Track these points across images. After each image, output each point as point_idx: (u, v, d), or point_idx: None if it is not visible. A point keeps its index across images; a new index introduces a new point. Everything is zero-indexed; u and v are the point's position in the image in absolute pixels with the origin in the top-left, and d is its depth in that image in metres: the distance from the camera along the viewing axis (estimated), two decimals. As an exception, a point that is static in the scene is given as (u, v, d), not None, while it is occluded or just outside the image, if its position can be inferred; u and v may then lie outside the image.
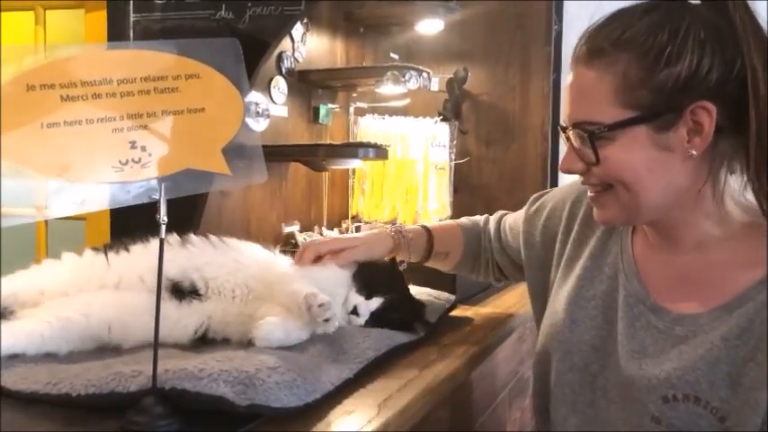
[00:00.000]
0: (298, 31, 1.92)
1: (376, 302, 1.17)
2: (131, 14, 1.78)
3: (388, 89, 2.01)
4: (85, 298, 1.06)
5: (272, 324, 1.01)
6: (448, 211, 2.17)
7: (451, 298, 1.41)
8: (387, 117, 2.15)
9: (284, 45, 1.87)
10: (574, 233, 1.15)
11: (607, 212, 1.01)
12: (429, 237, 1.37)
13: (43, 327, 0.98)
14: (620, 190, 0.96)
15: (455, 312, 1.42)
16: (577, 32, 0.98)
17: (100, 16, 1.95)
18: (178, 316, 1.07)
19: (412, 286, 1.31)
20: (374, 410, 0.90)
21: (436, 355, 1.15)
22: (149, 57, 0.82)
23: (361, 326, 1.15)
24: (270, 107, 1.77)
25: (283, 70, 1.87)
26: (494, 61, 2.40)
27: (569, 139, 0.98)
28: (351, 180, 2.20)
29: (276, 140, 1.85)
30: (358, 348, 1.05)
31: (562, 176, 2.30)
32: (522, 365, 1.71)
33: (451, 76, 2.37)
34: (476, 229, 1.40)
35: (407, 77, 1.97)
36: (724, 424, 0.89)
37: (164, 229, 0.81)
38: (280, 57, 1.86)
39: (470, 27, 2.36)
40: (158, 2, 1.76)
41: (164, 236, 0.82)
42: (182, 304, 1.08)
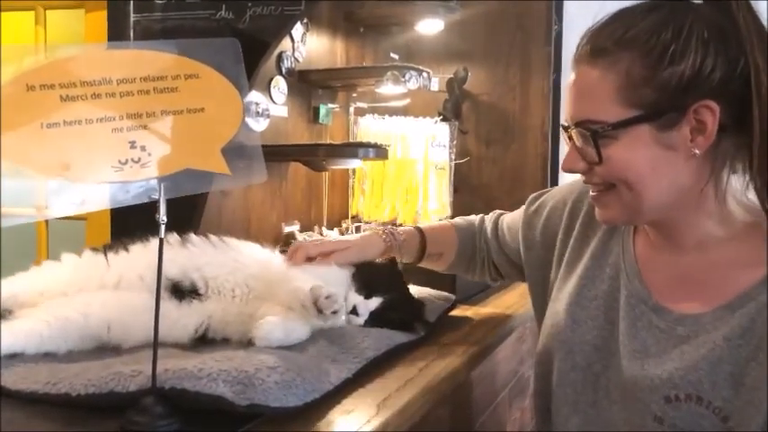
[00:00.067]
0: (298, 31, 1.92)
1: (375, 302, 1.16)
2: (131, 14, 1.78)
3: (388, 89, 2.01)
4: (85, 297, 1.06)
5: (272, 324, 1.01)
6: (448, 211, 2.17)
7: (451, 298, 1.41)
8: (387, 117, 2.15)
9: (284, 45, 1.87)
10: (575, 233, 1.15)
11: (609, 212, 1.01)
12: (422, 238, 1.36)
13: (42, 326, 0.98)
14: (622, 189, 0.96)
15: (455, 312, 1.41)
16: (577, 32, 0.98)
17: (100, 16, 1.95)
18: (178, 315, 1.07)
19: (412, 286, 1.31)
20: (373, 410, 0.90)
21: (436, 355, 1.15)
22: (149, 57, 0.82)
23: (361, 325, 1.15)
24: (270, 107, 1.77)
25: (283, 70, 1.87)
26: (494, 61, 2.40)
27: (571, 139, 0.98)
28: (351, 180, 2.20)
29: (276, 140, 1.85)
30: (357, 348, 1.05)
31: (562, 176, 2.31)
32: (522, 365, 1.71)
33: (451, 76, 2.37)
34: (471, 229, 1.40)
35: (407, 77, 1.97)
36: (726, 424, 0.89)
37: (163, 228, 0.81)
38: (280, 57, 1.86)
39: (470, 27, 2.36)
40: (158, 2, 1.76)
41: (163, 235, 0.81)
42: (181, 304, 1.08)
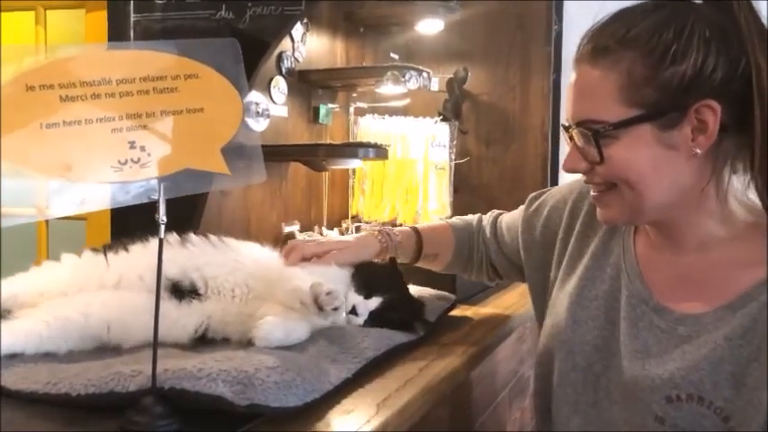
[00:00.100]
0: (298, 31, 1.92)
1: (375, 302, 1.16)
2: (132, 14, 1.78)
3: (388, 89, 2.01)
4: (85, 298, 1.06)
5: (272, 324, 1.01)
6: (448, 211, 2.17)
7: (451, 297, 1.41)
8: (387, 117, 2.15)
9: (284, 45, 1.87)
10: (575, 233, 1.15)
11: (611, 212, 1.01)
12: (418, 238, 1.36)
13: (42, 326, 0.98)
14: (623, 189, 0.96)
15: (455, 312, 1.41)
16: (577, 32, 0.98)
17: (100, 16, 1.95)
18: (178, 315, 1.06)
19: (412, 286, 1.31)
20: (373, 410, 0.90)
21: (436, 355, 1.15)
22: (148, 57, 0.82)
23: (361, 325, 1.15)
24: (270, 107, 1.77)
25: (283, 70, 1.87)
26: (494, 61, 2.40)
27: (572, 139, 0.98)
28: (351, 180, 2.20)
29: (276, 140, 1.85)
30: (357, 348, 1.05)
31: (562, 176, 2.31)
32: (522, 365, 1.71)
33: (451, 76, 2.37)
34: (468, 229, 1.40)
35: (407, 77, 1.97)
36: (728, 424, 0.89)
37: (163, 228, 0.81)
38: (280, 57, 1.86)
39: (470, 27, 2.36)
40: (159, 2, 1.76)
41: (163, 236, 0.81)
42: (181, 304, 1.08)
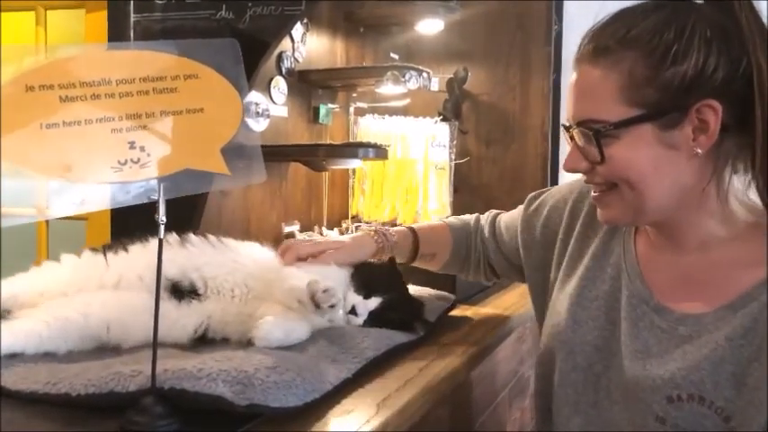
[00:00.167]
0: (298, 31, 1.92)
1: (374, 302, 1.16)
2: (132, 15, 1.79)
3: (388, 89, 2.01)
4: (84, 298, 1.06)
5: (272, 324, 1.01)
6: (448, 211, 2.17)
7: (451, 297, 1.41)
8: (387, 117, 2.15)
9: (284, 45, 1.87)
10: (576, 233, 1.15)
11: (611, 212, 1.01)
12: (414, 238, 1.35)
13: (41, 326, 0.98)
14: (624, 189, 0.96)
15: (455, 312, 1.41)
16: (577, 32, 0.99)
17: (100, 16, 1.95)
18: (177, 315, 1.07)
19: (411, 286, 1.31)
20: (373, 410, 0.90)
21: (435, 355, 1.15)
22: (148, 57, 0.82)
23: (360, 326, 1.15)
24: (270, 107, 1.77)
25: (283, 70, 1.87)
26: (494, 61, 2.40)
27: (573, 138, 0.98)
28: (351, 180, 2.20)
29: (276, 140, 1.85)
30: (357, 348, 1.05)
31: (562, 176, 2.31)
32: (522, 365, 1.71)
33: (451, 76, 2.37)
34: (466, 228, 1.39)
35: (407, 77, 1.97)
36: (729, 424, 0.89)
37: (162, 229, 0.81)
38: (280, 57, 1.86)
39: (470, 27, 2.35)
40: (159, 2, 1.76)
41: (162, 236, 0.82)
42: (181, 304, 1.08)
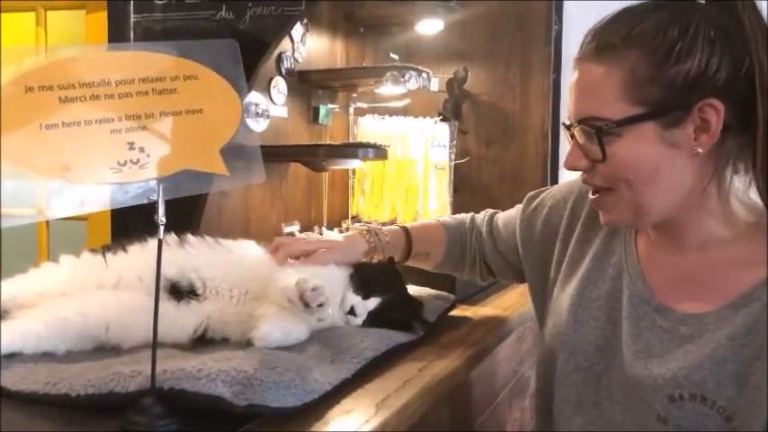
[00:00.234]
0: (298, 31, 1.92)
1: (374, 302, 1.16)
2: (132, 15, 1.79)
3: (387, 89, 2.01)
4: (83, 298, 1.06)
5: (271, 324, 1.01)
6: (448, 211, 2.17)
7: (451, 297, 1.41)
8: (387, 117, 2.15)
9: (284, 45, 1.87)
10: (576, 233, 1.15)
11: (611, 215, 1.01)
12: (407, 238, 1.34)
13: (40, 326, 0.98)
14: (622, 190, 0.96)
15: (454, 312, 1.41)
16: (577, 32, 0.99)
17: (101, 17, 1.95)
18: (176, 316, 1.07)
19: (411, 286, 1.31)
20: (372, 410, 0.90)
21: (435, 355, 1.15)
22: (147, 58, 0.82)
23: (359, 326, 1.15)
24: (270, 107, 1.77)
25: (283, 70, 1.87)
26: (494, 61, 2.40)
27: (574, 137, 0.98)
28: (351, 180, 2.20)
29: (276, 141, 1.85)
30: (356, 348, 1.04)
31: (562, 176, 2.31)
32: (522, 365, 1.71)
33: (451, 76, 2.37)
34: (460, 227, 1.39)
35: (407, 77, 1.97)
36: (731, 423, 0.89)
37: (162, 229, 0.82)
38: (280, 57, 1.86)
39: (470, 27, 2.36)
40: (159, 2, 1.76)
41: (162, 236, 0.82)
42: (180, 304, 1.08)
